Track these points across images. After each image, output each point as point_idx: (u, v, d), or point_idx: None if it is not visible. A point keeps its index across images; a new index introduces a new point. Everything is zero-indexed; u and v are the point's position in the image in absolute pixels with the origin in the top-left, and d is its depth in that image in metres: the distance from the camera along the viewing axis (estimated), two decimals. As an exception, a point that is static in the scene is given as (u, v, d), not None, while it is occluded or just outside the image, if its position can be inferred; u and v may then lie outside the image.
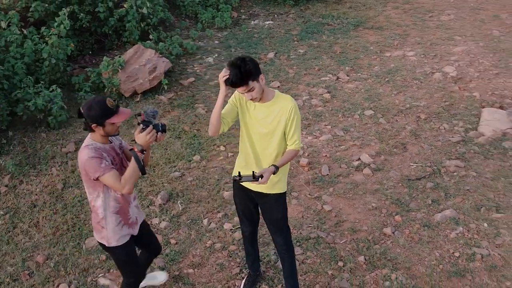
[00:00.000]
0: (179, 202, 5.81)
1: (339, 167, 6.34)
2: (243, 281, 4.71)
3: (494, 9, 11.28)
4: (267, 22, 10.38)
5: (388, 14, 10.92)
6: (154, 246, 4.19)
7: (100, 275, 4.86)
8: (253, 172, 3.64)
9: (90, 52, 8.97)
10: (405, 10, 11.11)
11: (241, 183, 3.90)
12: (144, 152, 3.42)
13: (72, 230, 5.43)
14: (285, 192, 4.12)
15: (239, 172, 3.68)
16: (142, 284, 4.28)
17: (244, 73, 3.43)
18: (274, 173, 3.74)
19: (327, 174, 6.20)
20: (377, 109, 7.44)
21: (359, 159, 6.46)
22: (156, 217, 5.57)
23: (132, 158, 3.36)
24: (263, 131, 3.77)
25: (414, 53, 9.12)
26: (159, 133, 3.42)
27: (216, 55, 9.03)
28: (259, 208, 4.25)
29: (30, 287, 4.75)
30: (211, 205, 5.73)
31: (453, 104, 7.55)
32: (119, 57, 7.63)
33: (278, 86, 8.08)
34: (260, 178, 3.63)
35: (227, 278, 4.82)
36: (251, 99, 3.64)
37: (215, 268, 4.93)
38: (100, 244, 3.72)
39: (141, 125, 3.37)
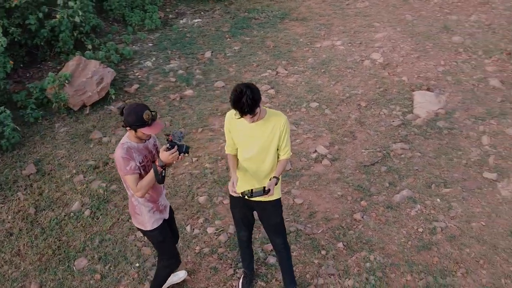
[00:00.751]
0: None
1: (300, 160, 6.78)
2: (241, 281, 5.05)
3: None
4: (196, 20, 10.55)
5: (309, 5, 11.45)
6: (176, 231, 4.67)
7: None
8: (265, 187, 3.98)
9: (21, 65, 8.72)
10: (324, 0, 11.69)
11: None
12: (165, 167, 3.81)
13: (58, 253, 5.47)
14: (280, 197, 4.50)
15: (251, 190, 4.00)
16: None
17: (253, 102, 3.73)
18: (276, 184, 4.12)
19: (290, 169, 6.63)
20: (320, 101, 7.94)
21: (315, 151, 6.94)
22: (119, 225, 5.73)
23: (151, 170, 3.73)
24: (259, 149, 4.10)
25: (341, 42, 9.72)
26: (181, 154, 3.70)
27: (154, 58, 9.12)
28: (256, 214, 4.59)
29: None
30: (190, 212, 5.98)
31: (387, 90, 8.22)
32: (58, 71, 7.54)
33: (223, 86, 8.35)
34: (268, 191, 4.00)
35: (224, 280, 5.14)
36: (252, 122, 3.95)
37: (210, 272, 5.22)
38: (138, 229, 4.22)
39: (168, 144, 3.66)
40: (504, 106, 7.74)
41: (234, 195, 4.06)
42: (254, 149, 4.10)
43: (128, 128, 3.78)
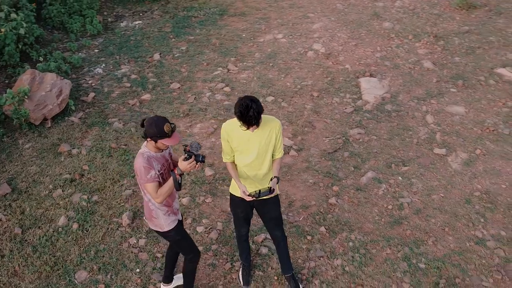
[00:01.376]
0: (144, 218, 6.20)
1: (268, 154, 7.19)
2: (240, 273, 5.44)
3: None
4: (136, 22, 10.62)
5: (244, -1, 11.81)
6: None
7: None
8: (271, 188, 4.40)
9: (-37, 81, 8.52)
10: (257, -7, 12.08)
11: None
12: (182, 175, 4.15)
13: (56, 269, 5.59)
14: (279, 193, 4.93)
15: (259, 191, 4.40)
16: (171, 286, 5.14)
17: (258, 115, 4.11)
18: (277, 183, 4.55)
19: (261, 162, 7.03)
20: (275, 94, 8.38)
21: (281, 143, 7.37)
22: (131, 236, 5.95)
23: (171, 178, 4.09)
24: (258, 153, 4.49)
25: (282, 35, 10.19)
26: (198, 163, 4.05)
27: (103, 64, 9.16)
28: (257, 211, 4.99)
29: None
30: (176, 214, 6.24)
31: (334, 79, 8.79)
32: (7, 85, 7.47)
33: (179, 87, 8.59)
34: (273, 190, 4.44)
35: (223, 274, 5.51)
36: (252, 130, 4.33)
37: (209, 269, 5.57)
38: (155, 231, 4.56)
39: (186, 154, 3.98)
40: (440, 86, 8.54)
41: (249, 199, 4.43)
42: (254, 154, 4.48)
43: (148, 139, 4.05)
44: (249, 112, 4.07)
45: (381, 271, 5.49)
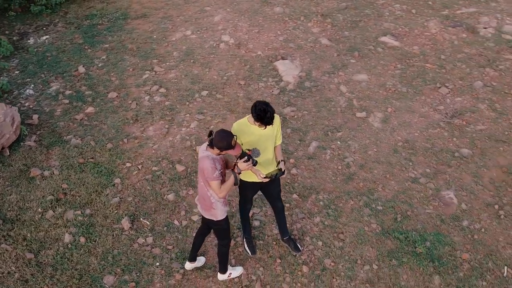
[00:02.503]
0: (141, 219, 7.00)
1: (224, 142, 8.22)
2: (246, 245, 6.51)
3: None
4: (44, 38, 10.77)
5: (139, 0, 12.35)
6: None
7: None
8: (282, 169, 5.54)
9: None
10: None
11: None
12: (240, 173, 5.20)
13: (84, 280, 6.21)
14: (281, 172, 6.07)
15: (275, 173, 5.51)
16: (193, 265, 6.15)
17: (273, 116, 5.20)
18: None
19: (221, 151, 8.05)
20: (207, 88, 9.34)
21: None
22: (138, 237, 6.72)
23: (232, 175, 5.15)
24: (267, 145, 5.60)
25: (190, 31, 11.04)
26: (253, 165, 5.19)
27: (32, 85, 9.37)
28: (263, 189, 6.10)
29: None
30: (168, 210, 7.10)
31: (252, 66, 9.95)
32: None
33: (117, 96, 9.18)
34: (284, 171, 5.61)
35: (231, 250, 6.54)
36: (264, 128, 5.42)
37: (216, 249, 6.55)
38: (209, 219, 5.51)
39: (246, 157, 5.03)
40: (341, 59, 10.09)
41: (265, 181, 5.51)
42: (265, 146, 5.57)
43: (216, 148, 5.00)
44: (267, 115, 5.13)
45: (352, 218, 6.89)
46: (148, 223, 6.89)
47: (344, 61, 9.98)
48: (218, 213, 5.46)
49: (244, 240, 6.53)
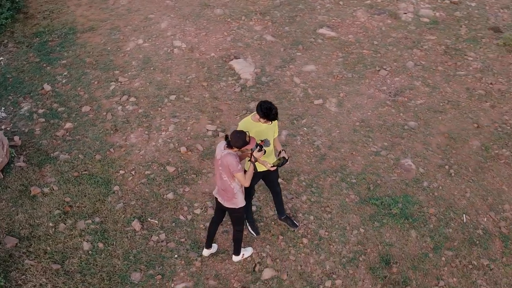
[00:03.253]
0: (149, 219, 7.74)
1: (203, 141, 9.07)
2: (250, 228, 7.45)
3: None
4: (-1, 59, 10.97)
5: (82, 14, 12.61)
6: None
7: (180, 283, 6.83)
8: (285, 157, 6.52)
9: None
10: (90, 5, 13.01)
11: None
12: (256, 161, 6.14)
13: (113, 279, 6.86)
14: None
15: (282, 162, 6.47)
16: (209, 252, 7.04)
17: (277, 113, 6.17)
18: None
19: (203, 150, 8.90)
20: (174, 92, 10.06)
21: (207, 130, 9.29)
22: (151, 236, 7.46)
23: (251, 165, 6.11)
24: (269, 138, 6.57)
25: (142, 40, 11.63)
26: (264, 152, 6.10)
27: (3, 107, 9.63)
28: (264, 178, 7.06)
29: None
30: (171, 207, 7.87)
31: (210, 68, 10.78)
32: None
33: (90, 109, 9.71)
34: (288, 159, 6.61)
35: (237, 234, 7.45)
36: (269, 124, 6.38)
37: (224, 235, 7.44)
38: (230, 208, 6.38)
39: (258, 147, 5.97)
40: (288, 53, 11.15)
41: (273, 169, 6.46)
42: (269, 139, 6.53)
43: (233, 147, 5.90)
44: (272, 112, 6.09)
45: (333, 193, 8.02)
46: (156, 222, 7.62)
47: (291, 55, 11.04)
48: (239, 201, 6.34)
49: (247, 224, 7.45)
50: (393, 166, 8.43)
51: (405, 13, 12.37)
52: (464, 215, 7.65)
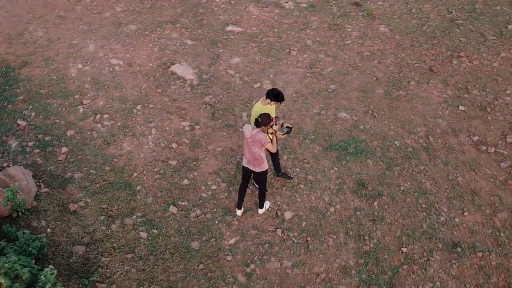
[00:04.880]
0: (180, 202, 9.78)
1: (185, 134, 11.17)
2: (284, 176, 9.94)
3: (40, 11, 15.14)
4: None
5: (7, 51, 13.42)
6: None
7: (231, 239, 9.10)
8: (290, 126, 9.10)
9: None
10: (10, 42, 13.78)
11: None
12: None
13: (181, 251, 8.89)
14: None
15: (290, 128, 9.02)
16: (241, 211, 9.30)
17: (283, 95, 8.68)
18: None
19: (189, 142, 11.02)
20: (138, 103, 11.82)
21: (183, 126, 11.37)
22: (189, 214, 9.55)
23: (273, 136, 8.47)
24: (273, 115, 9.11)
25: (81, 65, 12.87)
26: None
27: (-7, 149, 10.71)
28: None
29: None
30: (191, 189, 9.92)
31: (154, 76, 12.65)
32: None
33: (75, 132, 11.16)
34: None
35: (253, 193, 9.89)
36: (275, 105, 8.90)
37: (227, 199, 9.83)
38: (260, 172, 8.69)
39: (279, 124, 8.43)
40: (212, 51, 13.39)
41: (284, 137, 9.00)
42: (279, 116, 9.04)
43: (262, 126, 8.20)
44: (280, 95, 8.60)
45: (303, 149, 10.70)
46: (186, 203, 9.67)
47: (215, 53, 13.35)
48: (265, 165, 8.67)
49: (281, 174, 9.93)
50: (334, 120, 11.35)
51: (286, 2, 15.29)
52: (396, 141, 10.86)
